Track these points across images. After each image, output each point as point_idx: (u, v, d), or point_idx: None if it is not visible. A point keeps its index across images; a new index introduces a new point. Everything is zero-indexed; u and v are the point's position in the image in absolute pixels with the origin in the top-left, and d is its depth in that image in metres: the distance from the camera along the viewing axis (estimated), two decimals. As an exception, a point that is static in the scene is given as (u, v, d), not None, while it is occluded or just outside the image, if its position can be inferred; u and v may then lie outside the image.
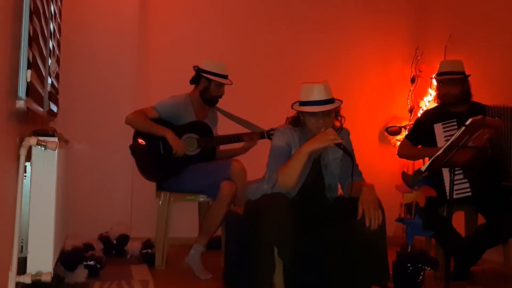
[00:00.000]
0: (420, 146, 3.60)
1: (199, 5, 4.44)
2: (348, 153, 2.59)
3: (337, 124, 2.73)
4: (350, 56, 4.72)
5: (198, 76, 3.51)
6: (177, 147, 3.36)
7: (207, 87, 3.48)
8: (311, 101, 2.60)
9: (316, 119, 2.62)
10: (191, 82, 3.55)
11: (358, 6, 4.76)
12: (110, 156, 4.07)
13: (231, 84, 3.52)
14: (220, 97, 3.55)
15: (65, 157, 2.66)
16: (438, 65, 3.55)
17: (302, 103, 2.64)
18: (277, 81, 4.49)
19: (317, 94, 2.60)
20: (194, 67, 3.55)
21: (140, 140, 3.42)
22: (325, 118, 2.62)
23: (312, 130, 2.64)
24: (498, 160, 3.27)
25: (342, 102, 2.67)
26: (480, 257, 3.36)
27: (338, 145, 2.55)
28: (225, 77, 3.49)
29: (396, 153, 3.74)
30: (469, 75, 3.43)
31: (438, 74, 3.48)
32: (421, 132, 3.52)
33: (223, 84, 3.50)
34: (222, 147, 3.67)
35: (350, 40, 4.73)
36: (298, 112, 2.72)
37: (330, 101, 2.62)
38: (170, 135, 3.36)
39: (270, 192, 2.62)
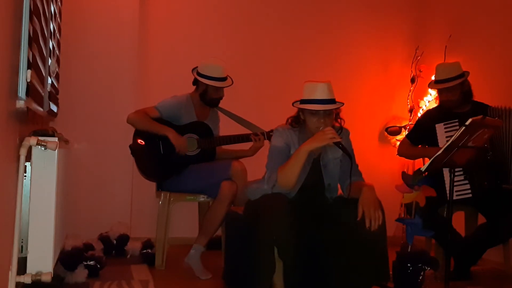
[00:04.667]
0: (420, 146, 3.60)
1: (199, 5, 4.44)
2: (346, 152, 2.59)
3: (337, 125, 2.73)
4: (350, 56, 4.72)
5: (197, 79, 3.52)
6: (179, 146, 3.36)
7: (205, 90, 3.48)
8: (313, 99, 2.60)
9: (317, 118, 2.62)
10: (193, 83, 3.55)
11: (358, 6, 4.76)
12: (110, 156, 4.07)
13: (231, 85, 3.52)
14: (220, 98, 3.55)
15: (65, 157, 2.66)
16: (435, 70, 3.52)
17: (304, 101, 2.64)
18: (276, 81, 4.49)
19: (320, 93, 2.59)
20: (192, 70, 3.54)
21: (139, 141, 3.42)
22: (325, 118, 2.61)
23: (312, 129, 2.63)
24: (499, 162, 3.27)
25: (343, 104, 2.66)
26: (480, 257, 3.36)
27: (337, 144, 2.54)
28: (223, 79, 3.47)
29: (396, 152, 3.74)
30: (466, 76, 3.39)
31: (435, 82, 3.46)
32: (422, 132, 3.51)
33: (221, 87, 3.50)
34: (229, 147, 3.67)
35: (350, 40, 4.73)
36: (299, 110, 2.71)
37: (332, 101, 2.62)
38: (172, 134, 3.36)
39: (270, 192, 2.62)
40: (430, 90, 4.46)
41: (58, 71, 3.40)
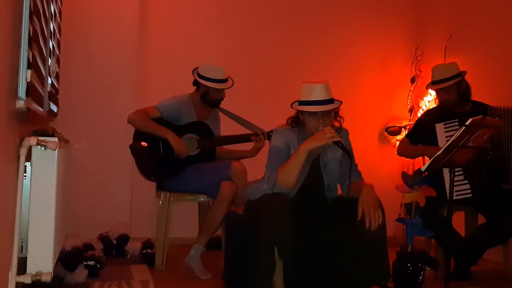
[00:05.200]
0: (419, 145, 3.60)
1: (199, 5, 4.45)
2: (346, 151, 2.59)
3: (336, 124, 2.73)
4: (350, 56, 4.72)
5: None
6: (179, 149, 3.36)
7: (206, 91, 3.48)
8: (311, 100, 2.60)
9: (316, 119, 2.62)
10: (193, 84, 3.55)
11: (358, 6, 4.77)
12: (110, 156, 4.07)
13: (232, 86, 3.51)
14: (222, 99, 3.55)
15: (65, 157, 2.66)
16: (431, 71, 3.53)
17: (302, 103, 2.64)
18: (276, 81, 4.49)
19: (317, 94, 2.59)
20: (193, 71, 3.54)
21: (142, 143, 3.42)
22: (324, 118, 2.62)
23: (311, 130, 2.64)
24: (499, 162, 3.27)
25: (342, 102, 2.67)
26: (480, 257, 3.36)
27: (336, 143, 2.54)
28: (224, 81, 3.47)
29: (396, 151, 3.75)
30: (463, 74, 3.39)
31: (432, 83, 3.47)
32: (422, 132, 3.52)
33: (222, 89, 3.49)
34: (230, 147, 3.66)
35: (350, 40, 4.73)
36: (298, 111, 2.72)
37: (330, 101, 2.62)
38: (172, 137, 3.36)
39: (270, 192, 2.62)
40: (430, 90, 4.46)
41: (58, 71, 3.39)
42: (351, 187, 2.65)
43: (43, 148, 2.20)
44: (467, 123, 2.52)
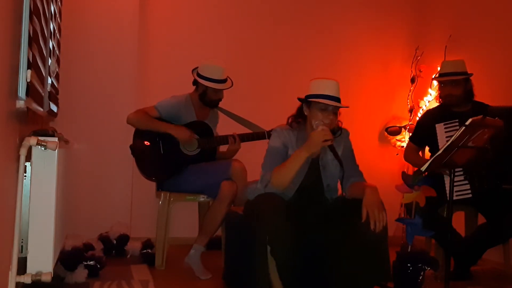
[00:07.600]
0: (425, 147, 3.59)
1: (199, 5, 4.45)
2: (337, 157, 2.59)
3: (339, 125, 2.73)
4: (350, 56, 4.72)
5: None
6: (183, 137, 3.35)
7: (204, 91, 3.48)
8: (324, 94, 2.59)
9: (327, 114, 2.61)
10: (193, 83, 3.55)
11: (359, 5, 4.76)
12: (110, 156, 4.07)
13: (231, 87, 3.51)
14: (220, 100, 3.54)
15: (65, 157, 2.66)
16: (439, 65, 3.54)
17: (313, 96, 2.62)
18: (276, 81, 4.49)
19: (331, 89, 2.60)
20: (193, 70, 3.54)
21: (142, 143, 3.42)
22: (333, 115, 2.62)
23: (312, 123, 2.63)
24: (499, 162, 3.26)
25: (348, 106, 2.67)
26: (480, 257, 3.36)
27: (329, 147, 2.56)
28: (223, 81, 3.46)
29: (396, 153, 3.74)
30: (471, 74, 3.41)
31: (440, 75, 3.47)
32: (423, 133, 3.52)
33: (220, 89, 3.49)
34: (221, 148, 3.66)
35: (350, 40, 4.73)
36: (303, 105, 2.70)
37: (339, 100, 2.63)
38: (173, 130, 3.36)
39: (262, 191, 2.62)
40: (430, 90, 4.47)
41: (58, 71, 3.39)
42: (353, 187, 2.66)
43: (43, 148, 2.20)
44: (467, 123, 2.52)
